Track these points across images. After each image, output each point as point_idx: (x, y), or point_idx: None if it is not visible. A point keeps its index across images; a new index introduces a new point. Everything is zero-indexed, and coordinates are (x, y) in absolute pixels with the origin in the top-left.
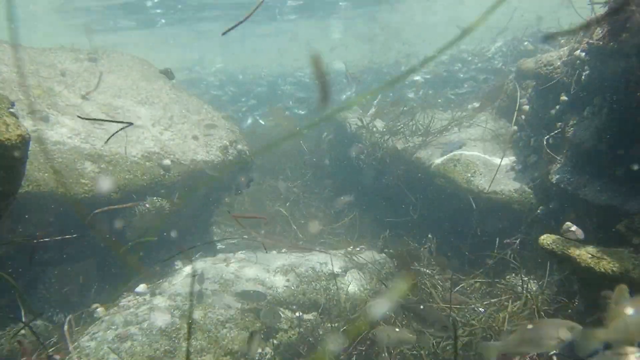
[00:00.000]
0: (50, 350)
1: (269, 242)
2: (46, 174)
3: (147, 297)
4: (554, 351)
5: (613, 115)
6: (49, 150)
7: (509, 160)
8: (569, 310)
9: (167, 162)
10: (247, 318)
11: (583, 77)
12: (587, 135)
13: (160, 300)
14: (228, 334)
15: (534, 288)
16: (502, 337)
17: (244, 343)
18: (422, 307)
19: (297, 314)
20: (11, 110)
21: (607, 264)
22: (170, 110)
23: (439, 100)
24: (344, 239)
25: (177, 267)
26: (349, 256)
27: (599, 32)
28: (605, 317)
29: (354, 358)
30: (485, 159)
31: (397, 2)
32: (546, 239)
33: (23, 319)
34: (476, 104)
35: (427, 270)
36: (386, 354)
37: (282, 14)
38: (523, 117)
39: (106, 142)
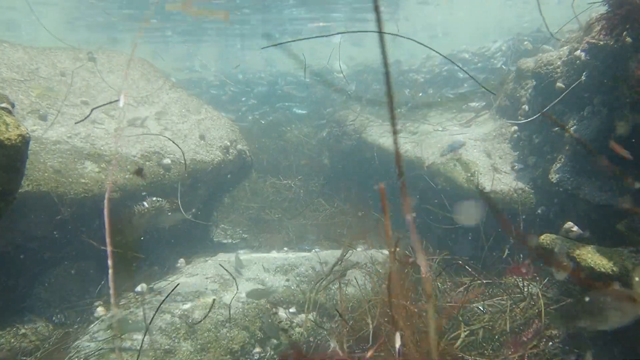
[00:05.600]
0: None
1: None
2: (46, 174)
3: (148, 296)
4: None
5: (613, 115)
6: (49, 149)
7: (509, 160)
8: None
9: (167, 161)
10: (247, 317)
11: (583, 76)
12: (587, 135)
13: (160, 300)
14: (228, 334)
15: (533, 289)
16: None
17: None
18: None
19: (291, 310)
20: (10, 109)
21: (607, 264)
22: (170, 110)
23: (439, 100)
24: (344, 237)
25: (179, 265)
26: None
27: (599, 31)
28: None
29: None
30: (485, 159)
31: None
32: (546, 239)
33: None
34: (475, 103)
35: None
36: None
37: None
38: (522, 117)
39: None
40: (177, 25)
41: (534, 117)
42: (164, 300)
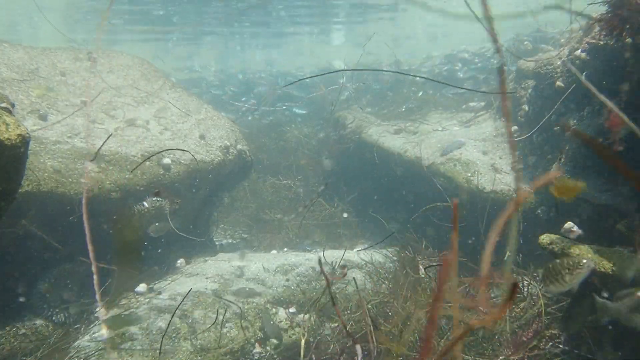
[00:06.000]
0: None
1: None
2: (46, 174)
3: (147, 296)
4: None
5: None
6: (49, 149)
7: (509, 160)
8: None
9: (167, 161)
10: (247, 317)
11: (583, 76)
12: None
13: (160, 300)
14: (228, 334)
15: (533, 290)
16: None
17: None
18: None
19: (291, 310)
20: (10, 109)
21: (607, 264)
22: (170, 109)
23: (438, 100)
24: (344, 237)
25: (178, 265)
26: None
27: (599, 31)
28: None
29: None
30: (485, 159)
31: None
32: (546, 239)
33: None
34: (475, 103)
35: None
36: None
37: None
38: (522, 118)
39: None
40: (179, 28)
41: (534, 119)
42: (179, 305)
